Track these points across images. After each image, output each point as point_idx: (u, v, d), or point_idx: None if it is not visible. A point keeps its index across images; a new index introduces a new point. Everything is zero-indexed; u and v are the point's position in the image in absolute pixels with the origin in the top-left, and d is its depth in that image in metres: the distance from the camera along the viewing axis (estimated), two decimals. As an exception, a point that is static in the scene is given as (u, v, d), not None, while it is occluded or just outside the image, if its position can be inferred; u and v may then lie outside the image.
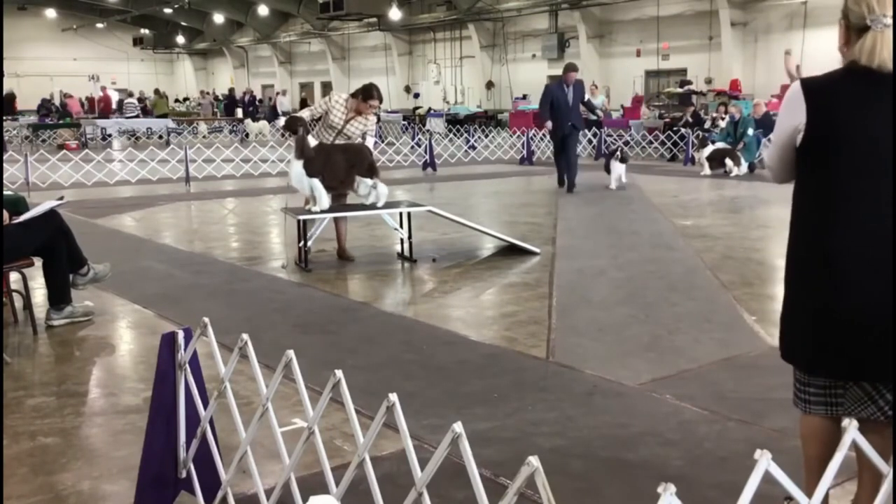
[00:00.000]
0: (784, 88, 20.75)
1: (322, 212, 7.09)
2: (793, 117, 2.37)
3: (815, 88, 2.36)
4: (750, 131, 15.56)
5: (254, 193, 13.25)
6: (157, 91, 33.79)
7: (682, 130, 18.50)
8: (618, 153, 13.18)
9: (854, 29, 2.32)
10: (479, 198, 12.73)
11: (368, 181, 7.22)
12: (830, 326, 2.34)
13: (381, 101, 7.56)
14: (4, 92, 30.18)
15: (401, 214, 7.58)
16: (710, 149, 15.37)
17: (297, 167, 6.97)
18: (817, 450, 2.53)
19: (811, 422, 2.55)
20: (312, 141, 7.08)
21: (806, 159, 2.40)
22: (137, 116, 28.05)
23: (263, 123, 27.29)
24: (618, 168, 12.99)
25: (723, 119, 17.54)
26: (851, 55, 2.33)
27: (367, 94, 7.39)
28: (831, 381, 2.46)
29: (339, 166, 7.09)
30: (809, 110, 2.33)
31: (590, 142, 19.65)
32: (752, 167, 15.40)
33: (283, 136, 7.49)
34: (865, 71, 2.28)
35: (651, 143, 19.28)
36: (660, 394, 4.05)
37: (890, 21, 2.25)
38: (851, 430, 1.71)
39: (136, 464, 2.79)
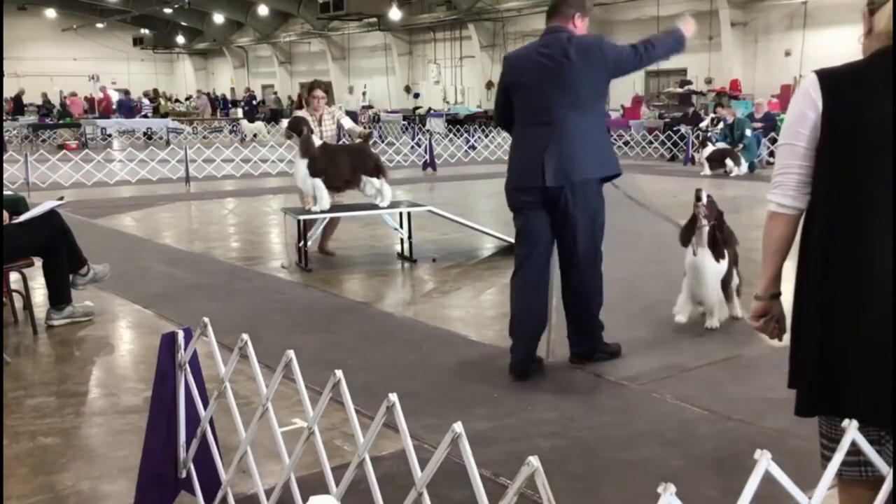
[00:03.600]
0: (784, 88, 20.80)
1: (322, 212, 7.10)
2: (804, 111, 2.04)
3: (833, 75, 2.02)
4: (748, 132, 15.56)
5: (254, 193, 13.24)
6: (155, 91, 33.89)
7: (683, 130, 18.50)
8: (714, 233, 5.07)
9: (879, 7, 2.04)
10: (479, 198, 12.72)
11: (376, 181, 7.23)
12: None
13: (326, 91, 7.99)
14: (14, 92, 30.43)
15: (401, 214, 7.58)
16: (710, 149, 15.38)
17: (302, 167, 6.99)
18: None
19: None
20: (316, 141, 7.11)
21: (823, 162, 2.03)
22: (146, 116, 28.35)
23: (259, 124, 27.30)
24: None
25: (718, 122, 17.55)
26: (873, 38, 2.04)
27: (309, 87, 7.93)
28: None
29: (343, 167, 7.11)
30: (826, 100, 1.99)
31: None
32: (752, 167, 15.40)
33: (288, 138, 7.48)
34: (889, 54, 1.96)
35: (651, 143, 19.28)
36: (660, 394, 4.05)
37: None
38: (851, 429, 1.71)
39: (136, 464, 2.79)
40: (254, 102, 34.34)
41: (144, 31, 43.63)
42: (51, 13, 41.83)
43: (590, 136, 4.25)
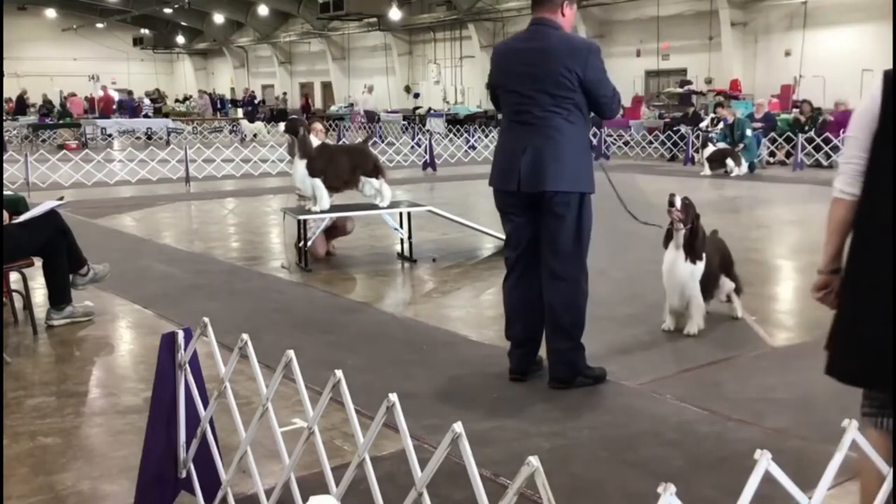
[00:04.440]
0: (784, 88, 20.80)
1: (322, 212, 7.10)
2: (867, 106, 2.22)
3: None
4: (748, 132, 15.57)
5: (254, 193, 13.24)
6: (157, 90, 33.93)
7: (683, 130, 18.50)
8: None
9: None
10: (479, 198, 12.71)
11: (374, 181, 7.23)
12: None
13: (326, 128, 8.05)
14: (17, 92, 30.47)
15: (401, 214, 7.58)
16: (710, 149, 15.39)
17: (301, 167, 6.99)
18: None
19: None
20: (315, 141, 7.11)
21: (874, 153, 2.21)
22: (147, 116, 28.45)
23: (259, 124, 27.32)
24: None
25: (718, 122, 17.54)
26: None
27: (309, 123, 7.90)
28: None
29: (343, 167, 7.11)
30: (885, 96, 2.14)
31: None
32: (752, 167, 15.41)
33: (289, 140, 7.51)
34: None
35: (651, 143, 19.29)
36: (660, 394, 4.05)
37: None
38: (851, 429, 1.71)
39: (136, 464, 2.79)
40: (254, 102, 34.35)
41: (144, 31, 43.65)
42: (51, 13, 41.85)
43: (569, 146, 4.00)
